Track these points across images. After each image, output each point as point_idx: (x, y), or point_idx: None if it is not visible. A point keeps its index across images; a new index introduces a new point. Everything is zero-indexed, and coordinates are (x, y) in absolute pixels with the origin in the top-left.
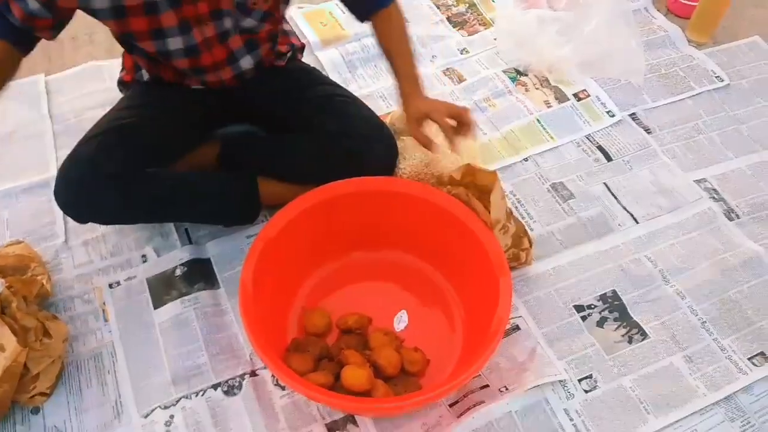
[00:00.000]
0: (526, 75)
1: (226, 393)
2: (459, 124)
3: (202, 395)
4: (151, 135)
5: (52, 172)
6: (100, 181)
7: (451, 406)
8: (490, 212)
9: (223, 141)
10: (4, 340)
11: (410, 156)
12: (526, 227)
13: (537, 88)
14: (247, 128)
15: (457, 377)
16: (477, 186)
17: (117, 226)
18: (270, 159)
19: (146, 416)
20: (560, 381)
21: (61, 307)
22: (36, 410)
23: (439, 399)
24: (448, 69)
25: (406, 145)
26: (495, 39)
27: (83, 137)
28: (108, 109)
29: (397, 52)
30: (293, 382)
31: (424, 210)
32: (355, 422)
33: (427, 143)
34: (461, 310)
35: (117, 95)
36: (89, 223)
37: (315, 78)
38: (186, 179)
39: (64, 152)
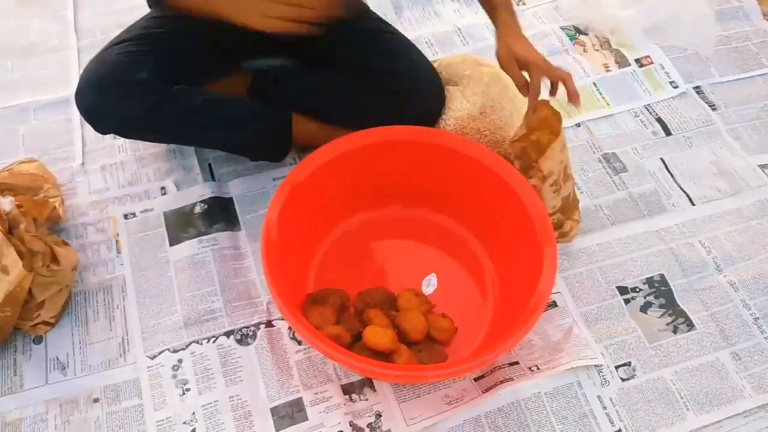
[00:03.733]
0: (586, 34)
1: (239, 342)
2: (553, 88)
3: (214, 341)
4: (181, 50)
5: (73, 89)
6: (127, 85)
7: (476, 380)
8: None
9: (255, 72)
10: (9, 263)
11: (456, 108)
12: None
13: (596, 50)
14: (282, 61)
15: (487, 350)
16: (541, 144)
17: (137, 153)
18: (305, 93)
19: (153, 358)
20: (596, 366)
21: (73, 234)
22: (39, 339)
23: (468, 372)
24: None
25: (452, 95)
26: None
27: (110, 42)
28: None
29: (498, 3)
30: (312, 337)
31: (465, 167)
32: (372, 387)
33: (521, 84)
34: (495, 279)
35: None
36: (107, 149)
37: (360, 10)
38: (217, 99)
39: None
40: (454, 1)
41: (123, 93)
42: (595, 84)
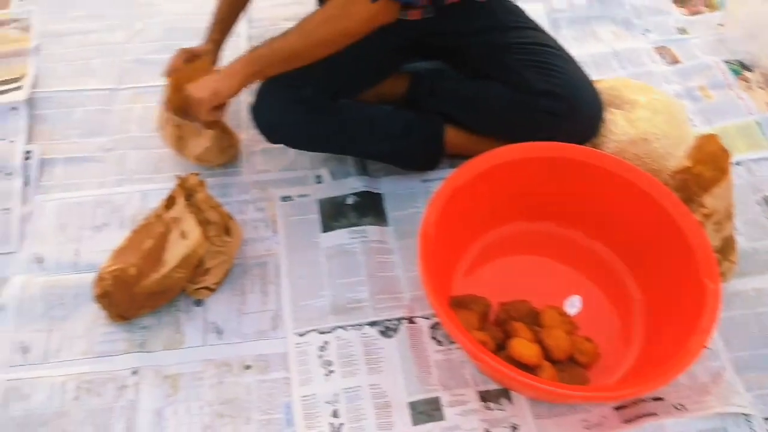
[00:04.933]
0: (752, 71)
1: (382, 333)
2: None
3: (359, 329)
4: (345, 62)
5: None
6: (294, 104)
7: (617, 409)
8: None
9: (413, 77)
10: (188, 229)
11: (619, 132)
12: None
13: (761, 88)
14: (438, 65)
15: (635, 380)
16: (704, 179)
17: None
18: (460, 104)
19: (301, 335)
20: (744, 414)
21: (236, 210)
22: (199, 302)
23: (620, 400)
24: (662, 47)
25: (615, 119)
26: (721, 25)
27: None
28: None
29: None
30: (464, 338)
31: (623, 192)
32: (509, 398)
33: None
34: (645, 310)
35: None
36: None
37: (521, 20)
38: (373, 114)
39: None
40: (613, 23)
41: (291, 111)
42: (758, 123)
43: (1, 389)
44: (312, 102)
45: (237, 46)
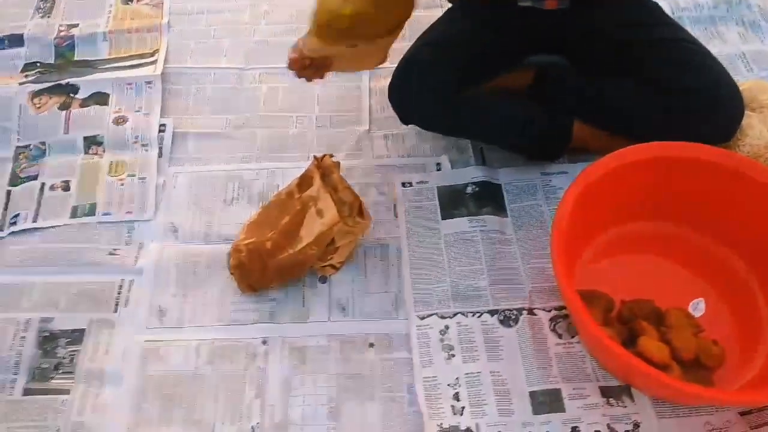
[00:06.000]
0: None
1: (501, 322)
2: None
3: (479, 317)
4: (473, 52)
5: None
6: (427, 90)
7: (742, 414)
8: None
9: (537, 70)
10: (325, 207)
11: (754, 135)
12: None
13: None
14: (560, 60)
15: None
16: None
17: (417, 128)
18: (587, 100)
19: (423, 318)
20: None
21: (360, 192)
22: (324, 279)
23: (756, 404)
24: None
25: (750, 121)
26: None
27: (419, 40)
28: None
29: None
30: (596, 332)
31: (757, 196)
32: (630, 395)
33: None
34: None
35: None
36: (391, 119)
37: (656, 14)
38: (501, 105)
39: None
40: (740, 25)
41: (422, 95)
42: None
43: (139, 350)
44: (443, 90)
45: None
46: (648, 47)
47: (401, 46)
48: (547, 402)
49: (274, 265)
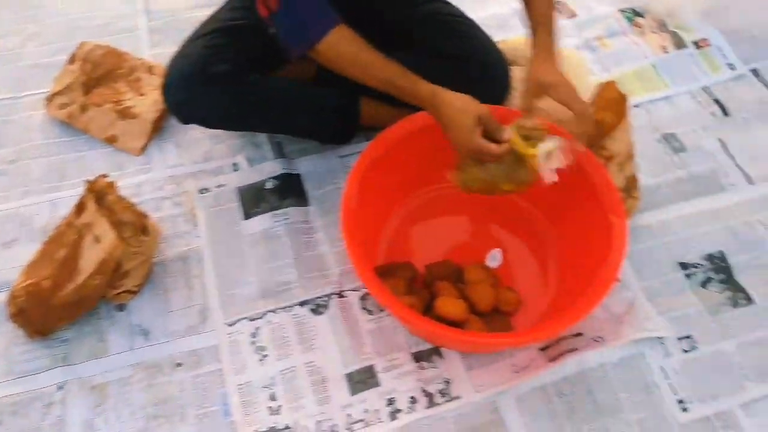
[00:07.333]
0: (644, 16)
1: (312, 311)
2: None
3: (289, 311)
4: (256, 39)
5: None
6: (208, 80)
7: (542, 349)
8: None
9: None
10: (101, 232)
11: (518, 89)
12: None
13: (654, 32)
14: None
15: (553, 321)
16: (606, 124)
17: (210, 131)
18: None
19: (231, 325)
20: (659, 338)
21: (152, 207)
22: (121, 307)
23: (540, 341)
24: (558, 2)
25: (515, 77)
26: None
27: (191, 35)
28: (205, 11)
29: (541, 20)
30: (393, 304)
31: None
32: (440, 355)
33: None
34: (557, 251)
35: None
36: (181, 126)
37: None
38: (287, 88)
39: (158, 50)
40: None
41: (205, 88)
42: (653, 65)
43: None
44: (227, 78)
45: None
46: (425, 22)
47: None
48: (363, 380)
49: (57, 303)
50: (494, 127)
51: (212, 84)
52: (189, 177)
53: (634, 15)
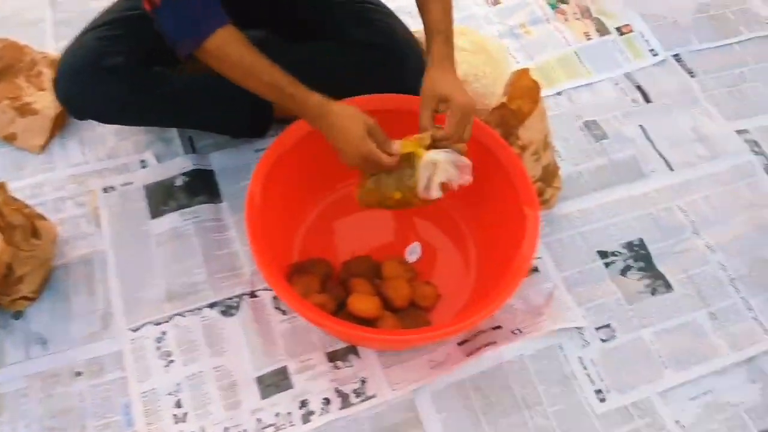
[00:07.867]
0: (567, 3)
1: (223, 313)
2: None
3: (198, 314)
4: (156, 31)
5: None
6: (103, 72)
7: (460, 344)
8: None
9: None
10: None
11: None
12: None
13: (577, 19)
14: (265, 35)
15: (470, 315)
16: (522, 113)
17: (116, 126)
18: (286, 68)
19: (136, 330)
20: (577, 328)
21: (52, 208)
22: (18, 315)
23: (452, 336)
24: None
25: None
26: None
27: (85, 27)
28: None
29: (437, 27)
30: (297, 304)
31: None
32: (356, 353)
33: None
34: (476, 244)
35: None
36: (86, 121)
37: None
38: (194, 81)
39: (64, 43)
40: None
41: (99, 81)
42: (576, 52)
43: None
44: (122, 70)
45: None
46: (340, 11)
47: None
48: (275, 383)
49: None
50: (382, 140)
51: (105, 77)
52: (93, 175)
53: (558, 2)
